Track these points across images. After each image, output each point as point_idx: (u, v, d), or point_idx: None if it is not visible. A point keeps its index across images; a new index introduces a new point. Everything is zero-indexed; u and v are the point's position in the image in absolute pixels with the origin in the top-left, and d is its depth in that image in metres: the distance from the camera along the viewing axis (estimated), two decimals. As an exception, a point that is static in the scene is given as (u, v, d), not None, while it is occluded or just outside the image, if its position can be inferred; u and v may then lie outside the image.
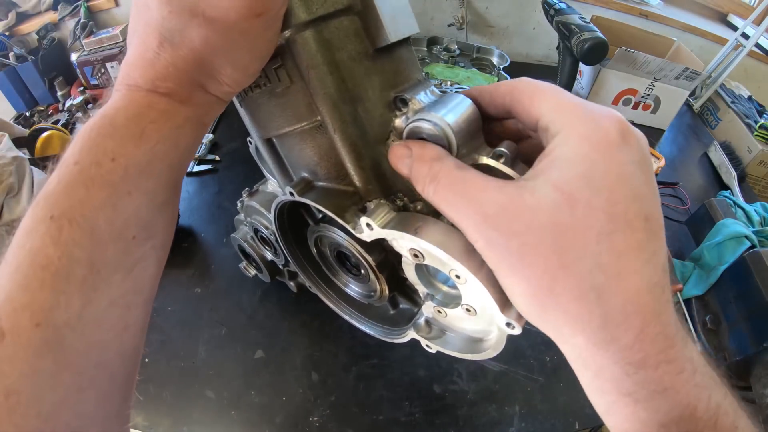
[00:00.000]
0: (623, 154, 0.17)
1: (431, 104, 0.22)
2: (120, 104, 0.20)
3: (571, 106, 0.18)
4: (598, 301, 0.16)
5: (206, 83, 0.21)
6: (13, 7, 1.06)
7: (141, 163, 0.19)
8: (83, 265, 0.18)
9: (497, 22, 1.25)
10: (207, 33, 0.19)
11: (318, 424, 0.52)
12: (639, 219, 0.16)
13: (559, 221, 0.16)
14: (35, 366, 0.17)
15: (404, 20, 0.23)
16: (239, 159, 0.87)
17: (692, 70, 0.95)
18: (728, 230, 0.70)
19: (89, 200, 0.18)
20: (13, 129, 0.85)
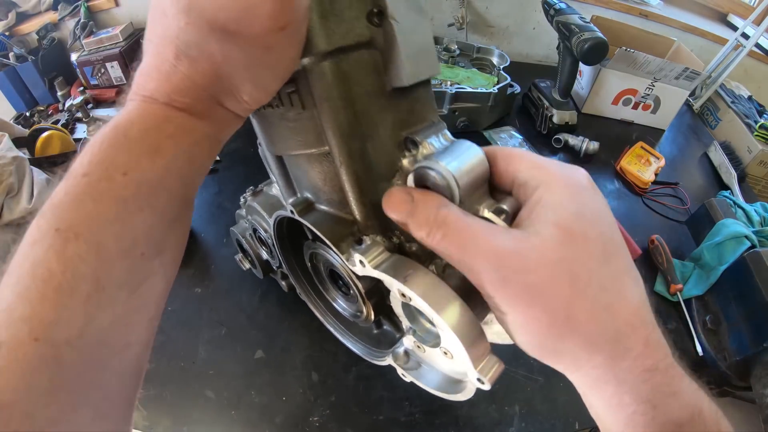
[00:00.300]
0: (597, 197, 0.20)
1: (440, 151, 0.22)
2: (134, 116, 0.19)
3: (545, 163, 0.21)
4: (609, 318, 0.18)
5: (225, 100, 0.20)
6: (13, 7, 1.06)
7: (154, 179, 0.18)
8: (88, 282, 0.17)
9: (497, 22, 1.25)
10: (228, 48, 0.18)
11: (318, 424, 0.52)
12: (621, 247, 0.20)
13: (565, 255, 0.18)
14: (30, 382, 0.16)
15: (425, 61, 0.22)
16: (239, 159, 0.87)
17: (692, 70, 0.95)
18: (728, 230, 0.70)
19: (97, 215, 0.17)
20: (13, 129, 0.85)
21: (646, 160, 0.93)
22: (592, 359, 0.19)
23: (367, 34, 0.21)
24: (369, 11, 0.20)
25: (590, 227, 0.19)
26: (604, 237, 0.19)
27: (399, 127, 0.23)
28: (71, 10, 1.08)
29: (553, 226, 0.19)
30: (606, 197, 0.80)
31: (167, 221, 0.19)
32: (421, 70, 0.22)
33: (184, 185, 0.20)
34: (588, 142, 0.94)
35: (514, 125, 1.01)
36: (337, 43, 0.20)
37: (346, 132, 0.22)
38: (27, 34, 1.07)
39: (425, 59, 0.22)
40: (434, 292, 0.21)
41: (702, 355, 0.63)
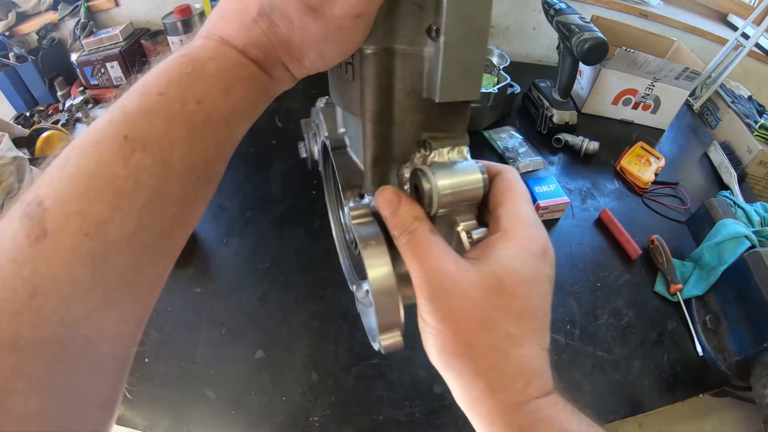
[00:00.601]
0: (543, 266, 0.23)
1: (446, 164, 0.24)
2: (212, 54, 0.21)
3: (522, 217, 0.24)
4: (503, 359, 0.22)
5: (289, 62, 0.22)
6: (13, 7, 1.06)
7: (223, 113, 0.20)
8: (148, 191, 0.18)
9: (497, 22, 1.25)
10: (307, 20, 0.20)
11: (318, 424, 0.52)
12: (541, 313, 0.23)
13: (488, 298, 0.22)
14: (73, 274, 0.17)
15: (464, 86, 0.23)
16: (239, 159, 0.87)
17: (692, 70, 0.95)
18: (728, 230, 0.70)
19: (168, 133, 0.19)
20: (13, 129, 0.85)
21: (646, 160, 0.93)
22: (476, 384, 0.22)
23: (422, 44, 0.23)
24: (429, 25, 0.22)
25: (521, 288, 0.22)
26: (528, 301, 0.22)
27: (423, 128, 0.25)
28: (71, 10, 1.08)
29: (492, 272, 0.22)
30: (606, 197, 0.80)
31: (221, 154, 0.22)
32: (456, 93, 0.23)
33: (241, 125, 0.22)
34: (588, 142, 0.94)
35: (514, 125, 1.01)
36: (392, 43, 0.23)
37: (376, 115, 0.25)
38: (27, 34, 1.07)
39: (465, 84, 0.23)
40: (376, 262, 0.24)
41: (702, 355, 0.63)
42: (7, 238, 0.17)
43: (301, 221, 0.75)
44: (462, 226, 0.25)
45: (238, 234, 0.73)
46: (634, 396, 0.59)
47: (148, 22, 1.14)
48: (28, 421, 0.16)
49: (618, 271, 0.73)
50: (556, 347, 0.62)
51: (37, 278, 0.16)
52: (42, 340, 0.16)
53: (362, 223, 0.26)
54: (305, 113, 0.39)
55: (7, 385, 0.16)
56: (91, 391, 0.19)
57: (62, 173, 0.18)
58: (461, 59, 0.22)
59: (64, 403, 0.17)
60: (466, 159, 0.25)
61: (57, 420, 0.17)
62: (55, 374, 0.17)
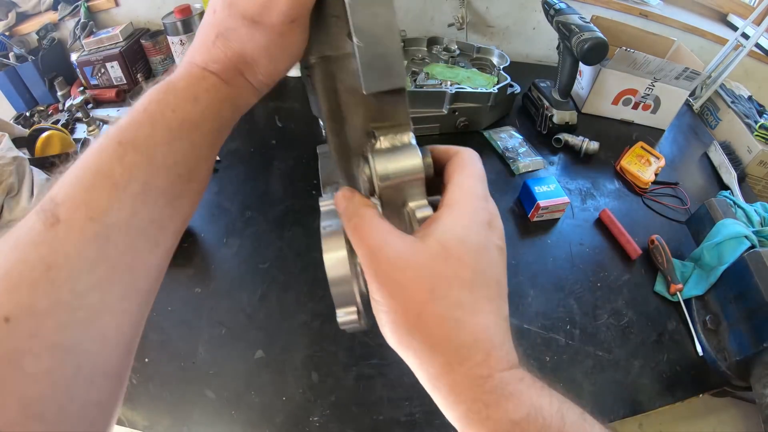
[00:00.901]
0: (490, 235, 0.24)
1: (388, 149, 0.27)
2: (181, 75, 0.26)
3: (468, 192, 0.25)
4: (456, 329, 0.21)
5: (245, 71, 0.27)
6: (13, 7, 1.06)
7: (193, 119, 0.25)
8: (139, 183, 0.22)
9: (497, 22, 1.25)
10: (252, 32, 0.25)
11: (318, 424, 0.52)
12: (493, 281, 0.23)
13: (434, 266, 0.22)
14: (81, 251, 0.20)
15: (385, 77, 0.26)
16: (239, 159, 0.87)
17: (692, 70, 0.95)
18: (728, 230, 0.70)
19: (152, 137, 0.23)
20: (13, 129, 0.85)
21: (646, 160, 0.93)
22: (434, 359, 0.22)
23: (347, 48, 0.26)
24: (348, 31, 0.25)
25: (468, 256, 0.22)
26: (478, 267, 0.22)
27: (369, 120, 0.28)
28: (71, 10, 1.08)
29: (436, 241, 0.22)
30: (606, 197, 0.80)
31: (199, 156, 0.26)
32: (380, 84, 0.26)
33: (213, 131, 0.26)
34: (588, 142, 0.94)
35: (514, 125, 1.01)
36: (326, 52, 0.27)
37: (329, 114, 0.28)
38: (27, 34, 1.07)
39: (386, 74, 0.26)
40: (332, 245, 0.26)
41: (702, 355, 0.63)
42: (26, 227, 0.20)
43: (301, 221, 0.75)
44: (409, 206, 0.26)
45: (238, 234, 0.73)
46: (634, 396, 0.59)
47: (148, 22, 1.14)
48: (39, 379, 0.18)
49: (618, 271, 0.73)
50: (556, 347, 0.62)
51: (52, 255, 0.20)
52: (55, 306, 0.19)
53: (327, 211, 0.28)
54: (305, 113, 0.40)
55: (23, 346, 0.18)
56: (98, 358, 0.21)
57: (70, 175, 0.22)
58: (375, 54, 0.25)
59: (72, 365, 0.20)
60: (408, 144, 0.27)
61: (64, 381, 0.19)
62: (65, 338, 0.19)
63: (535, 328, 0.64)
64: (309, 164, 0.86)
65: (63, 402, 0.19)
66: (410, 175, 0.26)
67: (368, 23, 0.24)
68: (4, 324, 0.18)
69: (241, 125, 0.30)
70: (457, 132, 0.96)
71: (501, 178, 0.88)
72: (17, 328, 0.18)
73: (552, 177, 0.81)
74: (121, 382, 0.23)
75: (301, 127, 0.94)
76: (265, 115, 0.98)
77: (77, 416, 0.20)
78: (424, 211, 0.26)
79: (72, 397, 0.20)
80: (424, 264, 0.22)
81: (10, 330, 0.18)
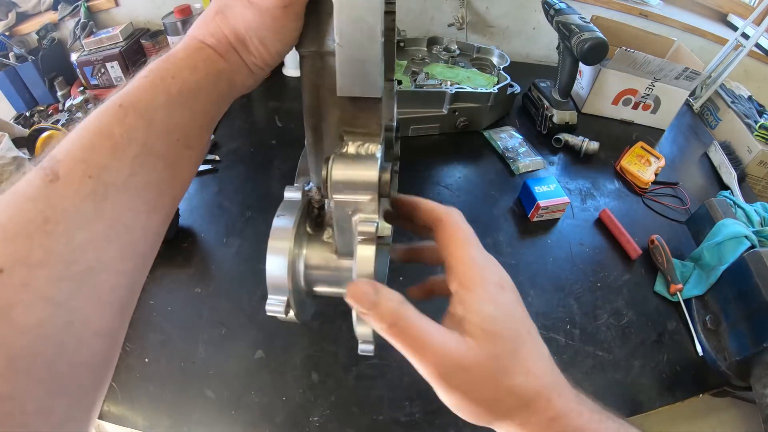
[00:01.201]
0: (506, 296, 0.26)
1: (350, 155, 0.27)
2: (181, 46, 0.27)
3: (472, 263, 0.26)
4: (523, 393, 0.24)
5: (239, 49, 0.28)
6: (13, 7, 1.06)
7: (192, 87, 0.25)
8: (138, 145, 0.23)
9: (497, 22, 1.25)
10: (247, 12, 0.26)
11: (318, 424, 0.52)
12: (527, 333, 0.25)
13: (490, 352, 0.24)
14: (78, 207, 0.20)
15: (360, 83, 0.26)
16: (239, 159, 0.87)
17: (692, 70, 0.95)
18: (728, 230, 0.70)
19: (152, 100, 0.24)
20: (13, 129, 0.85)
21: (646, 160, 0.93)
22: (512, 424, 0.25)
23: (331, 47, 0.27)
24: None
25: (503, 326, 0.24)
26: (513, 333, 0.25)
27: (342, 123, 0.29)
28: (71, 10, 1.08)
29: (479, 329, 0.24)
30: (606, 197, 0.80)
31: (197, 125, 0.26)
32: (353, 89, 0.26)
33: (209, 102, 0.27)
34: (588, 142, 0.94)
35: (514, 125, 1.01)
36: (316, 47, 0.28)
37: (308, 108, 0.29)
38: (27, 34, 1.07)
39: (361, 81, 0.26)
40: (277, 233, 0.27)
41: (702, 355, 0.63)
42: (25, 182, 0.20)
43: (301, 221, 0.75)
44: (358, 217, 0.27)
45: (238, 234, 0.73)
46: (634, 396, 0.59)
47: (148, 22, 1.14)
48: (28, 331, 0.18)
49: (618, 271, 0.73)
50: (556, 347, 0.62)
51: (49, 209, 0.20)
52: (50, 258, 0.19)
53: (289, 200, 0.29)
54: None
55: (14, 297, 0.18)
56: (90, 316, 0.21)
57: (72, 135, 0.22)
58: (354, 58, 0.25)
59: (62, 320, 0.19)
60: (372, 155, 0.27)
61: (55, 336, 0.19)
62: (58, 291, 0.19)
63: (535, 328, 0.64)
64: (309, 164, 0.86)
65: (51, 358, 0.19)
66: (362, 185, 0.26)
67: (351, 26, 0.24)
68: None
69: (241, 125, 0.30)
70: (457, 132, 0.96)
71: (501, 178, 0.88)
72: (10, 278, 0.18)
73: (552, 177, 0.81)
74: (114, 346, 0.23)
75: (301, 127, 0.93)
76: (265, 115, 0.98)
77: (66, 375, 0.20)
78: (367, 226, 0.26)
79: (61, 353, 0.19)
80: (483, 357, 0.23)
81: (2, 280, 0.18)
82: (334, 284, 0.30)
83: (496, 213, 0.80)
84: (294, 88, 1.06)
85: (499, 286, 0.26)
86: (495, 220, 0.78)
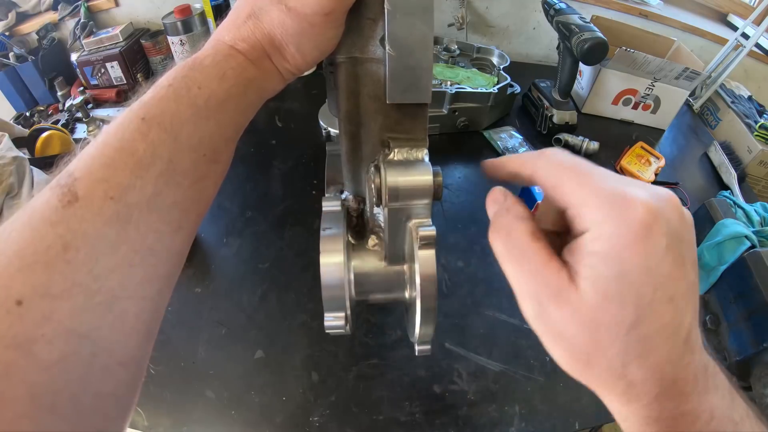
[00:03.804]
0: (649, 245, 0.18)
1: (401, 162, 0.27)
2: (209, 52, 0.25)
3: (597, 200, 0.19)
4: (623, 374, 0.20)
5: (273, 55, 0.26)
6: (13, 7, 1.06)
7: (219, 96, 0.24)
8: (163, 161, 0.21)
9: (497, 22, 1.25)
10: (285, 17, 0.25)
11: (318, 424, 0.52)
12: (663, 303, 0.19)
13: (596, 317, 0.19)
14: (100, 231, 0.19)
15: (411, 90, 0.25)
16: (239, 159, 0.87)
17: (692, 70, 0.95)
18: (728, 230, 0.70)
19: (177, 113, 0.22)
20: (13, 129, 0.85)
21: (646, 160, 0.93)
22: (606, 395, 0.21)
23: (378, 53, 0.26)
24: (381, 36, 0.25)
25: (627, 290, 0.18)
26: (640, 300, 0.18)
27: (386, 129, 0.28)
28: (71, 10, 1.08)
29: (592, 287, 0.19)
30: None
31: (223, 137, 0.25)
32: (405, 96, 0.26)
33: (238, 111, 0.25)
34: (588, 142, 0.94)
35: (514, 125, 1.01)
36: (354, 53, 0.27)
37: (347, 116, 0.28)
38: (27, 34, 1.07)
39: (412, 88, 0.26)
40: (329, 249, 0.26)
41: (702, 355, 0.63)
42: (42, 203, 0.19)
43: (301, 221, 0.75)
44: (413, 222, 0.26)
45: (238, 234, 0.73)
46: (634, 396, 0.59)
47: (148, 22, 1.14)
48: (50, 367, 0.17)
49: (618, 271, 0.73)
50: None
51: (69, 234, 0.18)
52: (72, 288, 0.18)
53: (329, 212, 0.29)
54: (305, 113, 0.40)
55: (35, 331, 0.17)
56: (115, 346, 0.20)
57: (90, 150, 0.21)
58: (406, 65, 0.25)
59: (87, 353, 0.18)
60: (421, 160, 0.27)
61: (78, 370, 0.18)
62: (81, 323, 0.18)
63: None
64: (309, 164, 0.86)
65: (76, 392, 0.18)
66: (419, 192, 0.25)
67: (404, 33, 0.24)
68: (16, 307, 0.17)
69: (241, 125, 0.30)
70: (457, 132, 0.96)
71: (501, 178, 0.88)
72: (30, 311, 0.17)
73: (552, 177, 0.81)
74: (139, 372, 0.22)
75: (301, 127, 0.94)
76: (265, 115, 0.98)
77: (91, 408, 0.19)
78: (427, 230, 0.25)
79: (86, 387, 0.18)
80: (585, 318, 0.19)
81: (21, 313, 0.17)
82: (385, 291, 0.29)
83: (496, 213, 0.80)
84: (294, 88, 1.06)
85: (643, 230, 0.18)
86: (495, 220, 0.78)
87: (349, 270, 0.27)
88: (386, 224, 0.27)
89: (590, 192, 0.20)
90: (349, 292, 0.27)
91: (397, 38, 0.24)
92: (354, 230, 0.30)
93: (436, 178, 0.26)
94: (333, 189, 0.33)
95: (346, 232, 0.29)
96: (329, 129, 0.43)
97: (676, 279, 0.19)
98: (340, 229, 0.27)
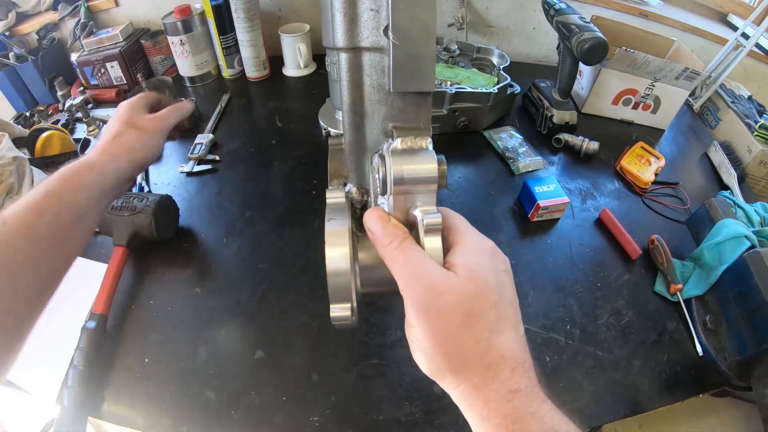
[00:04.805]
0: (497, 262, 0.27)
1: (405, 150, 0.27)
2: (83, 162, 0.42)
3: (467, 227, 0.28)
4: (487, 348, 0.24)
5: (129, 155, 0.45)
6: (13, 7, 1.05)
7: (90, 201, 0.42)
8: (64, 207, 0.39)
9: (497, 22, 1.25)
10: (134, 135, 0.46)
11: (318, 424, 0.52)
12: (508, 302, 0.26)
13: (468, 290, 0.24)
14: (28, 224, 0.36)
15: (415, 78, 0.26)
16: (239, 159, 0.87)
17: (692, 70, 0.95)
18: (728, 230, 0.70)
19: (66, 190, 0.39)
20: (13, 129, 0.85)
21: (646, 160, 0.93)
22: (469, 379, 0.24)
23: (381, 43, 0.26)
24: (385, 26, 0.25)
25: (490, 278, 0.25)
26: (498, 287, 0.25)
27: (389, 119, 0.28)
28: (71, 10, 1.08)
29: (463, 267, 0.25)
30: (606, 197, 0.80)
31: (78, 214, 0.40)
32: (408, 85, 0.26)
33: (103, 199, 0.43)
34: (588, 142, 0.94)
35: (514, 125, 1.01)
36: (356, 43, 0.27)
37: (351, 106, 0.29)
38: (27, 34, 1.07)
39: (416, 77, 0.26)
40: (334, 239, 0.27)
41: (702, 355, 0.63)
42: None
43: (301, 221, 0.75)
44: (419, 209, 0.27)
45: (238, 234, 0.73)
46: (634, 396, 0.59)
47: (148, 22, 1.14)
48: None
49: (618, 271, 0.73)
50: (556, 347, 0.62)
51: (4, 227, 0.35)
52: None
53: (334, 204, 0.29)
54: (305, 113, 0.41)
55: None
56: None
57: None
58: (409, 54, 0.25)
59: None
60: (425, 149, 0.27)
61: None
62: None
63: (535, 328, 0.64)
64: (309, 164, 0.86)
65: None
66: (424, 179, 0.26)
67: (407, 23, 0.24)
68: None
69: (241, 125, 0.30)
70: (457, 132, 0.96)
71: (501, 178, 0.88)
72: None
73: (552, 177, 0.81)
74: None
75: (300, 127, 0.94)
76: (265, 115, 0.98)
77: None
78: (432, 218, 0.26)
79: None
80: (460, 289, 0.24)
81: None
82: (391, 283, 0.29)
83: (496, 213, 0.80)
84: (294, 88, 1.06)
85: (491, 252, 0.27)
86: (495, 220, 0.78)
87: (355, 262, 0.28)
88: (391, 213, 0.27)
89: (460, 225, 0.28)
90: (355, 283, 0.27)
91: (400, 28, 0.24)
92: (358, 222, 0.30)
93: (440, 166, 0.26)
94: (336, 182, 0.34)
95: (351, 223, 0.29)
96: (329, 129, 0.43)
97: (513, 292, 0.27)
98: (345, 220, 0.27)
